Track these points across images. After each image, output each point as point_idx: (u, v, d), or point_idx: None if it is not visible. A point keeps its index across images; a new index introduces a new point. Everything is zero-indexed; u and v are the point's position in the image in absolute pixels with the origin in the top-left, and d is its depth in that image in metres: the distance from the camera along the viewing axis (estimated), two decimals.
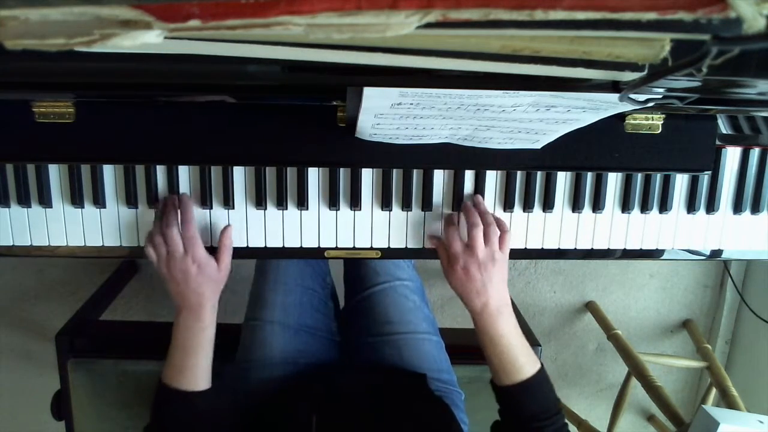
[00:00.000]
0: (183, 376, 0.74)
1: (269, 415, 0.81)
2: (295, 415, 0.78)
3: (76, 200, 0.78)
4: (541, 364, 0.76)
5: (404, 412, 0.81)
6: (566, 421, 0.76)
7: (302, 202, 0.80)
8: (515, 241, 0.84)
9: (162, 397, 0.75)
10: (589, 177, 0.83)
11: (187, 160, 0.76)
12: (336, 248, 0.82)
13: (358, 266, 1.03)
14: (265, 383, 0.89)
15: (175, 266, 0.73)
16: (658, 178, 0.84)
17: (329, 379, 0.90)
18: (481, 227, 0.75)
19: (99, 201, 0.79)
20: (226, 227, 0.80)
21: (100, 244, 0.80)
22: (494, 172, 0.82)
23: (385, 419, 0.79)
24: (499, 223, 0.78)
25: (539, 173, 0.82)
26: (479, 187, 0.81)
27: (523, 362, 0.74)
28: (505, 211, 0.83)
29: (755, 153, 0.85)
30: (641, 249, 0.86)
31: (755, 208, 0.86)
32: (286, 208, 0.81)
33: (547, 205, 0.83)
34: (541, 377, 0.75)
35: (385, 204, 0.81)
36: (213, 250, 0.79)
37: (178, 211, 0.76)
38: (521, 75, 0.48)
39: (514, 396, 0.74)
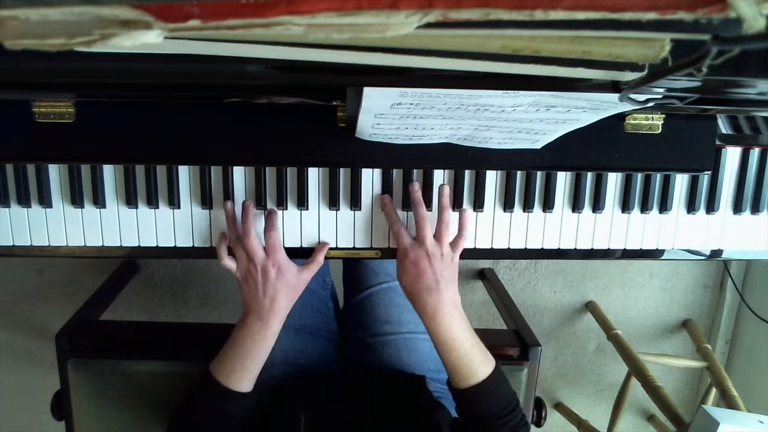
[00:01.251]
0: (233, 375, 0.74)
1: (263, 414, 0.81)
2: (284, 413, 0.78)
3: (76, 200, 0.78)
4: (496, 363, 0.76)
5: (402, 414, 0.81)
6: (524, 413, 0.77)
7: (302, 202, 0.80)
8: (515, 242, 0.84)
9: (206, 388, 0.75)
10: (589, 177, 0.83)
11: (187, 160, 0.76)
12: (336, 248, 0.82)
13: (357, 266, 1.03)
14: (264, 383, 0.89)
15: (256, 269, 0.74)
16: (658, 178, 0.84)
17: (327, 379, 0.90)
18: (426, 220, 0.75)
19: (99, 201, 0.79)
20: (324, 244, 0.80)
21: (100, 244, 0.80)
22: (494, 172, 0.82)
23: (382, 421, 0.79)
24: (461, 224, 0.78)
25: (539, 173, 0.82)
26: (479, 187, 0.81)
27: (478, 364, 0.74)
28: (505, 211, 0.83)
29: (755, 153, 0.85)
30: (641, 249, 0.86)
31: (755, 208, 0.86)
32: (286, 208, 0.81)
33: (547, 205, 0.83)
34: (496, 377, 0.75)
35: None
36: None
37: (253, 219, 0.76)
38: (521, 75, 0.48)
39: (472, 398, 0.74)
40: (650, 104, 0.57)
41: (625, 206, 0.84)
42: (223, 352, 0.76)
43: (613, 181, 0.84)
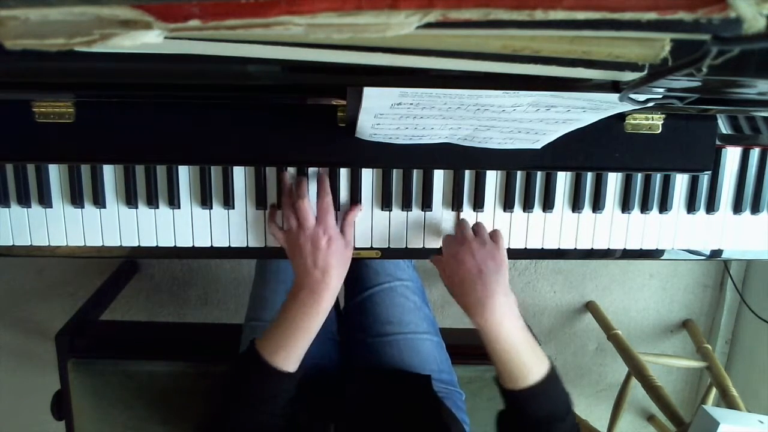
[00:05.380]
0: (279, 353, 0.70)
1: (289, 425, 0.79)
2: (313, 425, 0.77)
3: (76, 200, 0.78)
4: (551, 363, 0.71)
5: (409, 414, 0.81)
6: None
7: None
8: (515, 242, 0.84)
9: (251, 363, 0.71)
10: (589, 177, 0.83)
11: (187, 160, 0.76)
12: None
13: (358, 266, 1.03)
14: None
15: (305, 237, 0.71)
16: (658, 178, 0.84)
17: (328, 380, 0.90)
18: (468, 225, 0.76)
19: (99, 201, 0.79)
20: (353, 206, 0.78)
21: (100, 244, 0.80)
22: (494, 172, 0.82)
23: (386, 422, 0.79)
24: (495, 237, 0.76)
25: (539, 173, 0.82)
26: (479, 187, 0.81)
27: (531, 366, 0.68)
28: (505, 211, 0.83)
29: (755, 153, 0.85)
30: (641, 249, 0.86)
31: (755, 208, 0.86)
32: None
33: (547, 205, 0.83)
34: (551, 379, 0.70)
35: (385, 204, 0.81)
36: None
37: (307, 188, 0.74)
38: (521, 75, 0.48)
39: (524, 400, 0.69)
40: (650, 104, 0.57)
41: (625, 206, 0.84)
42: (272, 329, 0.72)
43: (613, 181, 0.84)
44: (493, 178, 0.82)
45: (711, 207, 0.85)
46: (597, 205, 0.83)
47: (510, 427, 0.73)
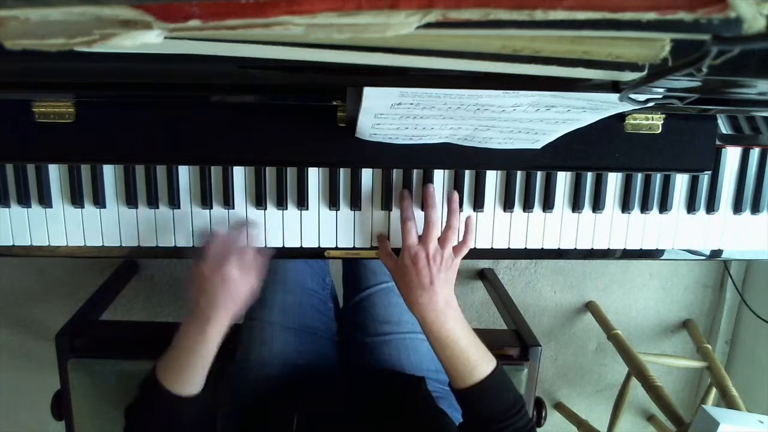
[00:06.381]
0: (178, 380, 0.72)
1: (257, 415, 0.80)
2: (277, 415, 0.77)
3: (76, 200, 0.78)
4: (497, 363, 0.75)
5: (399, 415, 0.81)
6: (531, 417, 0.77)
7: (302, 202, 0.80)
8: (515, 242, 0.84)
9: (151, 389, 0.73)
10: (589, 177, 0.83)
11: (187, 160, 0.76)
12: (336, 248, 0.82)
13: (357, 266, 1.03)
14: (263, 383, 0.89)
15: (205, 270, 0.72)
16: (658, 178, 0.84)
17: (326, 379, 0.90)
18: (436, 225, 0.75)
19: (99, 201, 0.79)
20: (264, 248, 0.78)
21: (100, 244, 0.80)
22: (494, 172, 0.82)
23: (380, 422, 0.79)
24: (465, 230, 0.78)
25: (539, 173, 0.82)
26: (479, 187, 0.81)
27: (476, 363, 0.72)
28: (505, 211, 0.83)
29: (755, 153, 0.85)
30: (641, 249, 0.86)
31: (755, 208, 0.86)
32: (286, 208, 0.81)
33: (547, 205, 0.83)
34: (498, 375, 0.73)
35: (385, 204, 0.81)
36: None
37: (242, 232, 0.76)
38: (521, 75, 0.48)
39: (473, 398, 0.72)
40: (650, 104, 0.57)
41: (625, 206, 0.84)
42: (165, 354, 0.73)
43: (613, 181, 0.84)
44: (493, 178, 0.82)
45: (711, 207, 0.85)
46: (597, 205, 0.83)
47: None
